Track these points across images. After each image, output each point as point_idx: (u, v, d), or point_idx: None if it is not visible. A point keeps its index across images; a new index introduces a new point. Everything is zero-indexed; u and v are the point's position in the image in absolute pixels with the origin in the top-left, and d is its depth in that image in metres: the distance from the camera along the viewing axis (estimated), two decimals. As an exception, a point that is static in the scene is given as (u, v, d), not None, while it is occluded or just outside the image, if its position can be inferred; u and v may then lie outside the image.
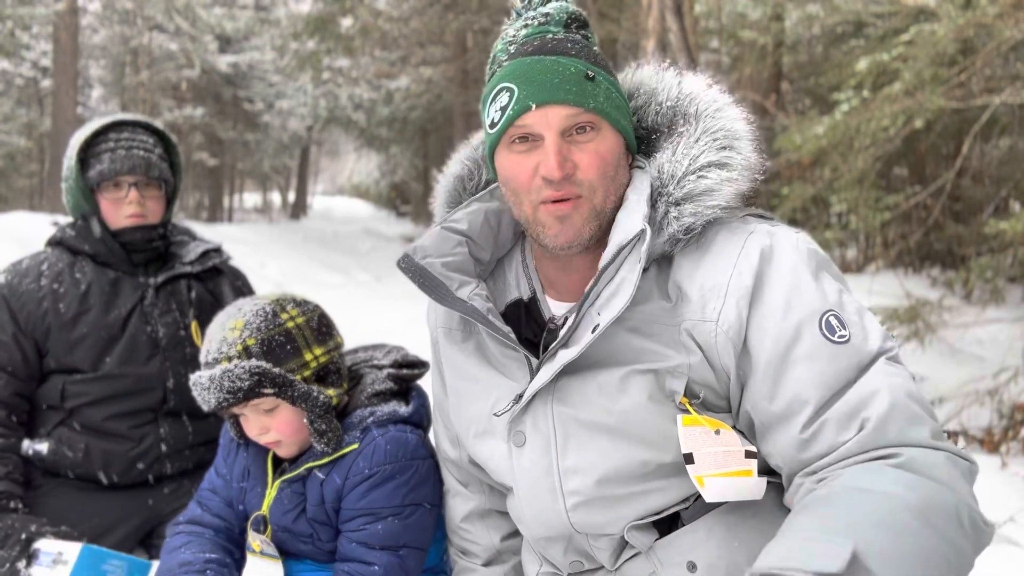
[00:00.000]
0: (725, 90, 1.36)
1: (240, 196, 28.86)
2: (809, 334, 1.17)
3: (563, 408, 1.29)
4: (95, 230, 2.12)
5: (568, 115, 1.23)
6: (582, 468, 1.29)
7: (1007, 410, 4.71)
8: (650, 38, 6.59)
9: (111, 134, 2.13)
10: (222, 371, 1.50)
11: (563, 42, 1.28)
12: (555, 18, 1.31)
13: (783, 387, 1.18)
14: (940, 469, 1.08)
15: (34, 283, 2.08)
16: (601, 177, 1.25)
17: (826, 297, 1.20)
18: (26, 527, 1.86)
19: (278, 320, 1.57)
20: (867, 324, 1.21)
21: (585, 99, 1.23)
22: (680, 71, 1.40)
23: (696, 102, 1.33)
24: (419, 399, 1.70)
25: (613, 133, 1.27)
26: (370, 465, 1.54)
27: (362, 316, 7.36)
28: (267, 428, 1.56)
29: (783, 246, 1.24)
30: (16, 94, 17.00)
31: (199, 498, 1.75)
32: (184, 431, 2.12)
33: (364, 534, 1.54)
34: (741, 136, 1.29)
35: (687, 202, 1.25)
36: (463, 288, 1.36)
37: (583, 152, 1.24)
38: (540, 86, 1.23)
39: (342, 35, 13.19)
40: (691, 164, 1.26)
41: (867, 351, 1.17)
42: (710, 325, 1.21)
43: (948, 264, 8.45)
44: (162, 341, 2.11)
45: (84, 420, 2.05)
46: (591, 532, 1.32)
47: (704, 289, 1.22)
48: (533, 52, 1.27)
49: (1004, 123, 6.67)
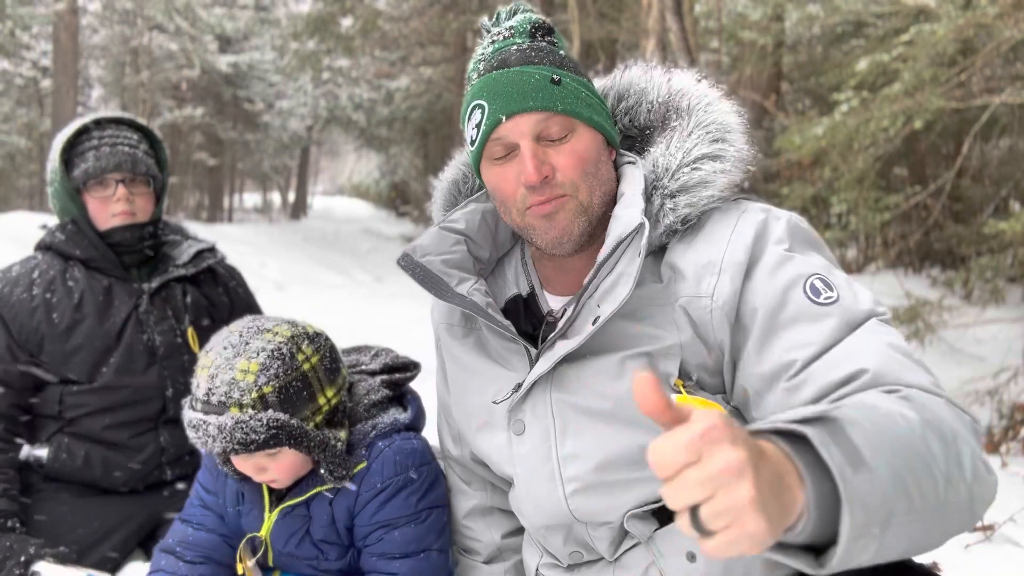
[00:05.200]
0: (719, 86, 1.38)
1: (240, 196, 28.85)
2: (795, 298, 1.18)
3: (561, 395, 1.31)
4: (86, 232, 2.07)
5: (539, 120, 1.26)
6: (581, 454, 1.30)
7: (1007, 410, 4.72)
8: (650, 38, 6.58)
9: (94, 132, 2.09)
10: (235, 421, 1.36)
11: (527, 52, 1.31)
12: (519, 30, 1.34)
13: (770, 351, 1.18)
14: (942, 410, 1.02)
15: (26, 292, 2.03)
16: (582, 175, 1.28)
17: (811, 264, 1.21)
18: (25, 549, 1.80)
19: (295, 363, 1.44)
20: (857, 289, 1.21)
21: (552, 102, 1.26)
22: (668, 69, 1.42)
23: (687, 97, 1.35)
24: (415, 402, 1.68)
25: (588, 131, 1.30)
26: (382, 479, 1.52)
27: (362, 316, 7.36)
28: (264, 468, 1.47)
29: (775, 223, 1.26)
30: (16, 94, 17.00)
31: (186, 516, 1.67)
32: (185, 438, 2.10)
33: (383, 544, 1.52)
34: (733, 128, 1.31)
35: (682, 194, 1.27)
36: (463, 284, 1.38)
37: (560, 154, 1.27)
38: (507, 98, 1.26)
39: (342, 35, 13.20)
40: (684, 157, 1.29)
41: (857, 311, 1.17)
42: (705, 300, 1.22)
43: (948, 264, 8.45)
44: (159, 350, 2.07)
45: (83, 430, 2.02)
46: (590, 520, 1.33)
47: (698, 266, 1.24)
48: (499, 66, 1.31)
49: (1004, 123, 6.67)
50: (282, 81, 19.89)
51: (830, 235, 6.57)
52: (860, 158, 5.67)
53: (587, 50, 8.89)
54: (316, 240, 17.20)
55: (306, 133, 23.16)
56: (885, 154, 5.97)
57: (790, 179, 7.31)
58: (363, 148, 25.88)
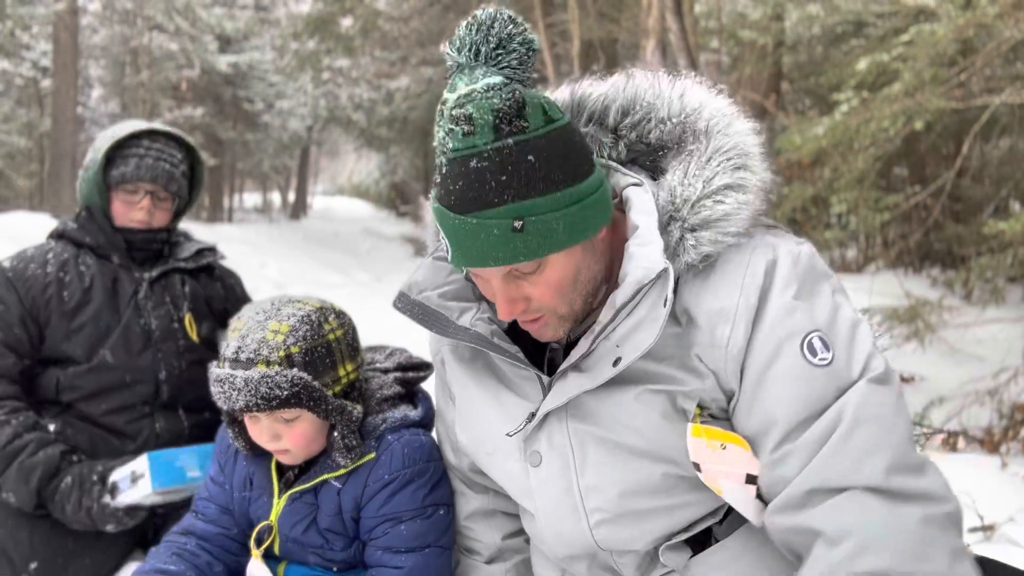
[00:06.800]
0: (719, 86, 1.31)
1: (240, 196, 28.80)
2: (790, 353, 1.15)
3: (579, 425, 1.27)
4: (99, 221, 2.16)
5: (502, 269, 1.18)
6: (602, 485, 1.27)
7: (1007, 410, 4.71)
8: (650, 38, 6.58)
9: (144, 140, 2.18)
10: (260, 375, 1.43)
11: (485, 176, 1.11)
12: (480, 124, 1.10)
13: (758, 404, 1.17)
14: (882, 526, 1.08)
15: (40, 269, 2.11)
16: (558, 297, 1.22)
17: (814, 317, 1.17)
18: (94, 468, 1.97)
19: (322, 331, 1.52)
20: (856, 344, 1.17)
21: (515, 256, 1.14)
22: (674, 78, 1.33)
23: (704, 116, 1.27)
24: (426, 401, 1.71)
25: (564, 256, 1.19)
26: (389, 471, 1.54)
27: (362, 316, 7.35)
28: (279, 436, 1.51)
29: (784, 262, 1.20)
30: (16, 94, 16.97)
31: (194, 508, 1.73)
32: (179, 424, 2.13)
33: (388, 538, 1.54)
34: (752, 153, 1.25)
35: (704, 229, 1.20)
36: (464, 315, 1.34)
37: (533, 285, 1.21)
38: (467, 254, 1.15)
39: (342, 35, 13.18)
40: (705, 187, 1.21)
41: (847, 376, 1.15)
42: (720, 351, 1.19)
43: (948, 264, 8.44)
44: (155, 333, 2.14)
45: (81, 415, 2.07)
46: (616, 549, 1.31)
47: (711, 314, 1.19)
48: (455, 205, 1.13)
49: (1004, 123, 6.67)
50: (282, 81, 19.84)
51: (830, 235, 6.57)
52: (860, 158, 5.66)
53: (587, 50, 8.89)
54: (316, 240, 17.20)
55: (306, 133, 23.13)
56: (885, 154, 5.96)
57: (790, 179, 7.31)
58: (363, 148, 25.86)
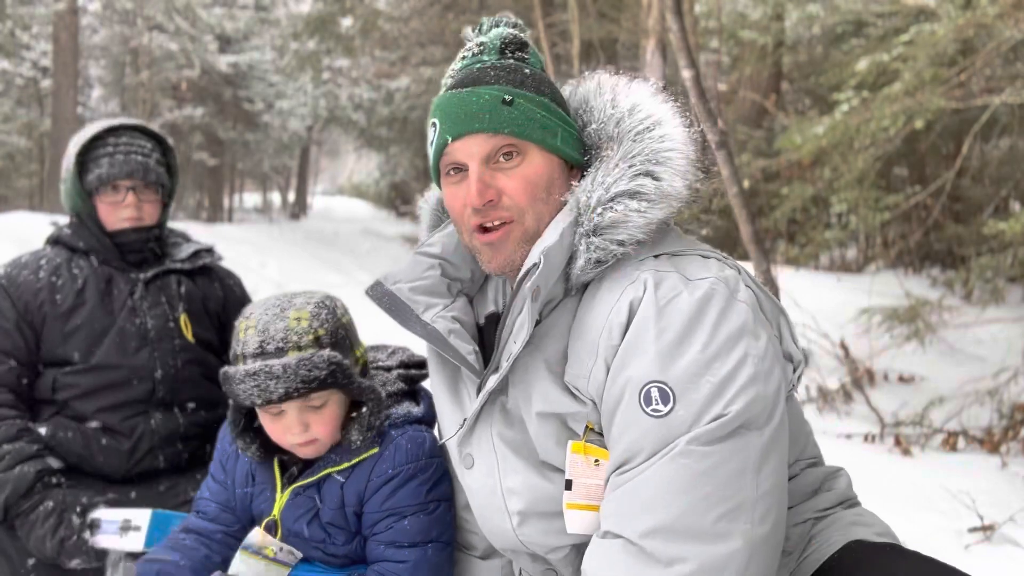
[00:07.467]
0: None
1: (240, 196, 28.81)
2: (629, 399, 1.15)
3: (502, 430, 1.32)
4: (90, 227, 2.17)
5: (486, 141, 1.23)
6: (520, 489, 1.31)
7: (1007, 410, 4.71)
8: (650, 38, 6.59)
9: (109, 139, 2.17)
10: (297, 359, 1.45)
11: (487, 70, 1.27)
12: (489, 46, 1.30)
13: (607, 435, 1.21)
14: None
15: (32, 275, 2.12)
16: (530, 200, 1.25)
17: (664, 366, 1.13)
18: (77, 499, 1.93)
19: (338, 314, 1.57)
20: (705, 402, 1.11)
21: (500, 125, 1.22)
22: (617, 82, 1.32)
23: (625, 121, 1.26)
24: (428, 398, 1.72)
25: (541, 154, 1.25)
26: (393, 465, 1.55)
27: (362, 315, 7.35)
28: (307, 426, 1.52)
29: (649, 301, 1.17)
30: (16, 94, 16.96)
31: (195, 507, 1.75)
32: (175, 422, 2.13)
33: (391, 533, 1.55)
34: (665, 160, 1.22)
35: (595, 235, 1.21)
36: (428, 311, 1.38)
37: (509, 177, 1.24)
38: (455, 119, 1.24)
39: (342, 35, 13.18)
40: (604, 193, 1.21)
41: (677, 431, 1.12)
42: (583, 382, 1.22)
43: (948, 264, 8.45)
44: (150, 333, 2.14)
45: (76, 413, 2.07)
46: (540, 548, 1.33)
47: (583, 342, 1.22)
48: (455, 86, 1.28)
49: (1004, 123, 6.67)
50: (282, 81, 19.85)
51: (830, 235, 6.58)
52: (860, 158, 5.67)
53: (587, 50, 8.89)
54: (316, 240, 17.19)
55: (306, 133, 23.14)
56: (885, 154, 5.97)
57: (790, 179, 7.32)
58: (363, 148, 25.84)
